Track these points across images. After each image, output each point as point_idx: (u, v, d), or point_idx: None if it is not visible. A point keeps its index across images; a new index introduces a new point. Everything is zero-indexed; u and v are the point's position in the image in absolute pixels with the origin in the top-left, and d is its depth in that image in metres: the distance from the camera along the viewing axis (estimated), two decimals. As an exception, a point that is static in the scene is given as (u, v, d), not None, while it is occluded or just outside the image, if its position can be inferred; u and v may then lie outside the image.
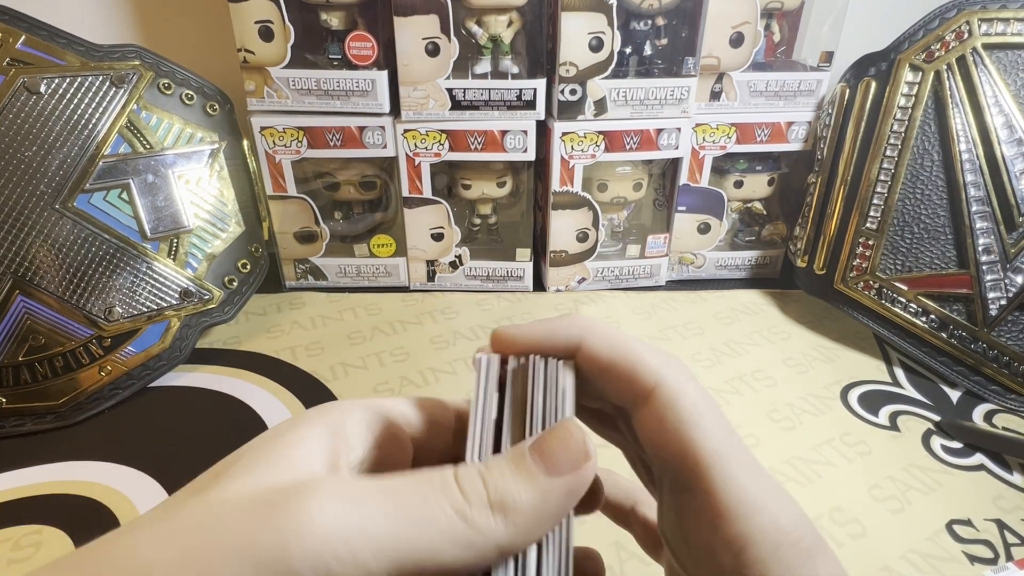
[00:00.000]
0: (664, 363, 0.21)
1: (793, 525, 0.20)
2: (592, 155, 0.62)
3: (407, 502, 0.16)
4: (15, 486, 0.43)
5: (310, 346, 0.59)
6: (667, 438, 0.21)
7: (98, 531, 0.16)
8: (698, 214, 0.69)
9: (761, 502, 0.20)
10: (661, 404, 0.21)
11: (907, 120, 0.56)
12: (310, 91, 0.59)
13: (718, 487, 0.20)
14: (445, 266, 0.68)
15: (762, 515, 0.20)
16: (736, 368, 0.57)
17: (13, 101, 0.48)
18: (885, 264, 0.58)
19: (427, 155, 0.62)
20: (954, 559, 0.40)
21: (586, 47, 0.58)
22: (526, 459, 0.18)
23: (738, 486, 0.20)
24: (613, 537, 0.40)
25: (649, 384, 0.21)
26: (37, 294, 0.49)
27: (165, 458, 0.46)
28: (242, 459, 0.18)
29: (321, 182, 0.66)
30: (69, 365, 0.50)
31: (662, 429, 0.21)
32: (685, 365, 0.22)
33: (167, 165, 0.54)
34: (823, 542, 0.21)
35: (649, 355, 0.21)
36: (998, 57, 0.54)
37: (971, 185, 0.54)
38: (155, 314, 0.53)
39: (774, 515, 0.20)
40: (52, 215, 0.49)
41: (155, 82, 0.54)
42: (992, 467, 0.47)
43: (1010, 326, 0.53)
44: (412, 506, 0.16)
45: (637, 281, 0.70)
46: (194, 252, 0.56)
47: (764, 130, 0.65)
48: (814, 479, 0.45)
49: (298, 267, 0.68)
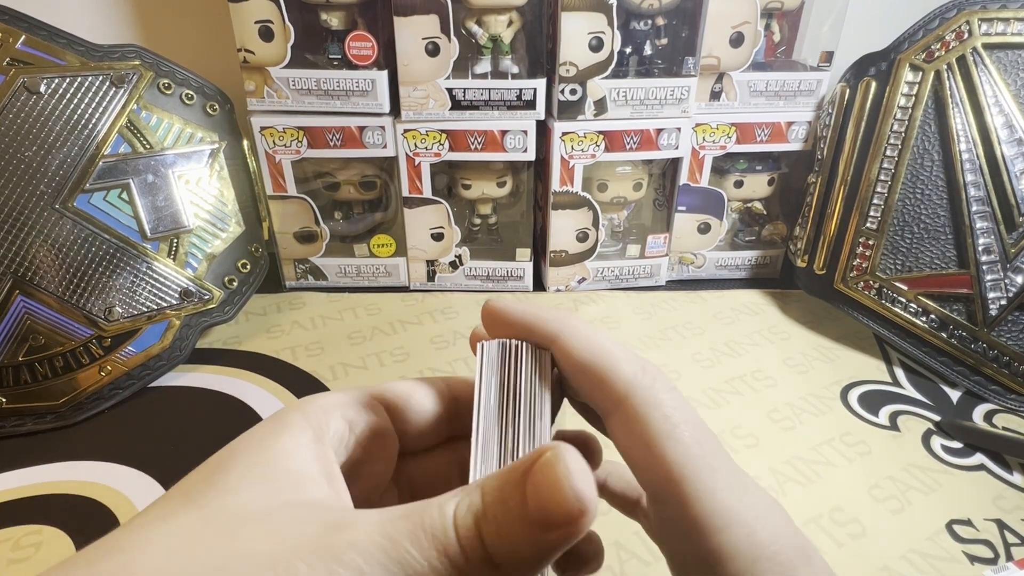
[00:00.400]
0: (638, 371, 0.21)
1: (772, 539, 0.19)
2: (592, 155, 0.62)
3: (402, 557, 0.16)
4: (15, 486, 0.43)
5: (310, 346, 0.59)
6: (638, 450, 0.20)
7: (98, 531, 0.16)
8: (698, 214, 0.69)
9: (736, 515, 0.19)
10: (632, 415, 0.20)
11: (907, 120, 0.56)
12: (310, 91, 0.59)
13: (691, 500, 0.19)
14: (445, 266, 0.68)
15: (737, 528, 0.19)
16: (736, 368, 0.57)
17: (13, 101, 0.48)
18: (885, 264, 0.58)
19: (427, 155, 0.62)
20: (954, 559, 0.40)
21: (586, 47, 0.58)
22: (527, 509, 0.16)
23: (712, 499, 0.19)
24: (613, 537, 0.40)
25: (620, 393, 0.20)
26: (37, 294, 0.49)
27: (165, 458, 0.46)
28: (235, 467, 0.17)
29: (321, 182, 0.66)
30: (69, 365, 0.50)
31: (633, 440, 0.20)
32: (661, 373, 0.21)
33: (167, 165, 0.54)
34: (809, 555, 0.20)
35: (623, 362, 0.21)
36: (998, 57, 0.54)
37: (971, 185, 0.54)
38: (155, 314, 0.53)
39: (751, 528, 0.19)
40: (52, 215, 0.49)
41: (155, 82, 0.54)
42: (992, 467, 0.47)
43: (1010, 326, 0.53)
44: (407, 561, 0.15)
45: (637, 281, 0.70)
46: (194, 252, 0.56)
47: (764, 130, 0.65)
48: (814, 479, 0.45)
49: (298, 267, 0.68)
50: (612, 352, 0.21)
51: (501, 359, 0.22)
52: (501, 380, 0.21)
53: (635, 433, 0.20)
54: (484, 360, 0.21)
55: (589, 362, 0.21)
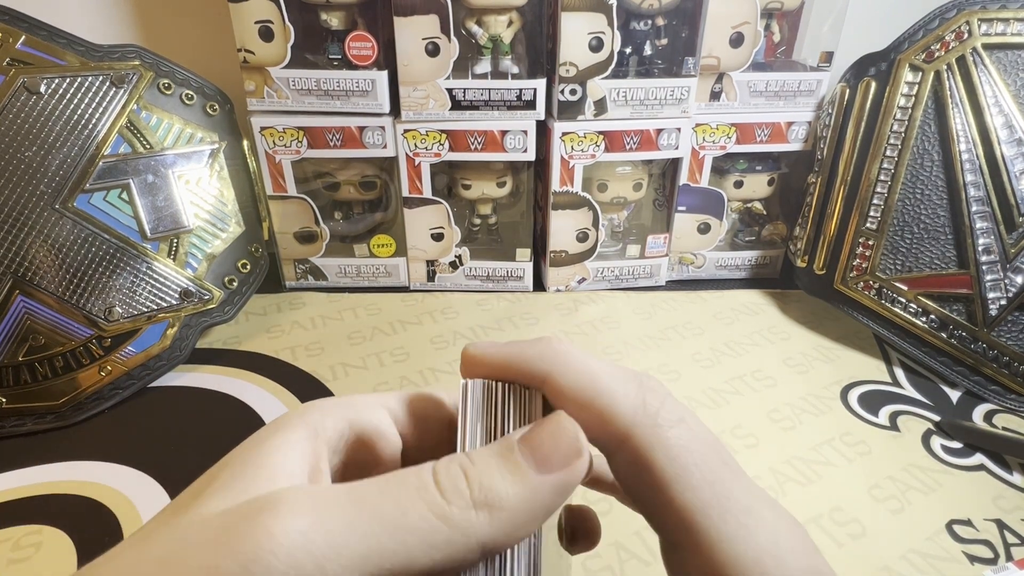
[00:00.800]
0: (638, 408, 0.19)
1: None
2: (592, 155, 0.62)
3: (380, 510, 0.15)
4: (15, 486, 0.43)
5: (310, 346, 0.59)
6: (645, 495, 0.19)
7: (98, 531, 0.16)
8: (698, 214, 0.69)
9: (752, 561, 0.18)
10: (636, 457, 0.19)
11: (907, 120, 0.56)
12: (310, 91, 0.59)
13: (704, 549, 0.18)
14: (445, 266, 0.68)
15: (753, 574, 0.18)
16: (736, 368, 0.57)
17: (13, 101, 0.48)
18: (885, 264, 0.58)
19: (427, 155, 0.62)
20: (954, 559, 0.40)
21: (586, 47, 0.58)
22: (514, 452, 0.17)
23: (728, 547, 0.18)
24: (613, 537, 0.40)
25: (621, 433, 0.19)
26: (37, 294, 0.49)
27: (165, 458, 0.46)
28: (222, 473, 0.17)
29: (321, 182, 0.66)
30: (69, 365, 0.50)
31: (639, 485, 0.19)
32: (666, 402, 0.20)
33: (167, 165, 0.54)
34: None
35: (621, 397, 0.19)
36: (998, 57, 0.54)
37: (971, 185, 0.54)
38: (155, 314, 0.53)
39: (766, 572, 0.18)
40: (52, 215, 0.49)
41: (155, 82, 0.54)
42: (992, 467, 0.47)
43: (1010, 326, 0.53)
44: (386, 514, 0.15)
45: (637, 281, 0.70)
46: (194, 252, 0.56)
47: (764, 130, 0.65)
48: (814, 479, 0.45)
49: (298, 267, 0.68)
50: (609, 387, 0.19)
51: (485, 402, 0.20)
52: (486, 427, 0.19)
53: (640, 478, 0.19)
54: (469, 401, 0.20)
55: (584, 401, 0.19)
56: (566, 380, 0.19)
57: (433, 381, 0.54)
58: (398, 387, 0.54)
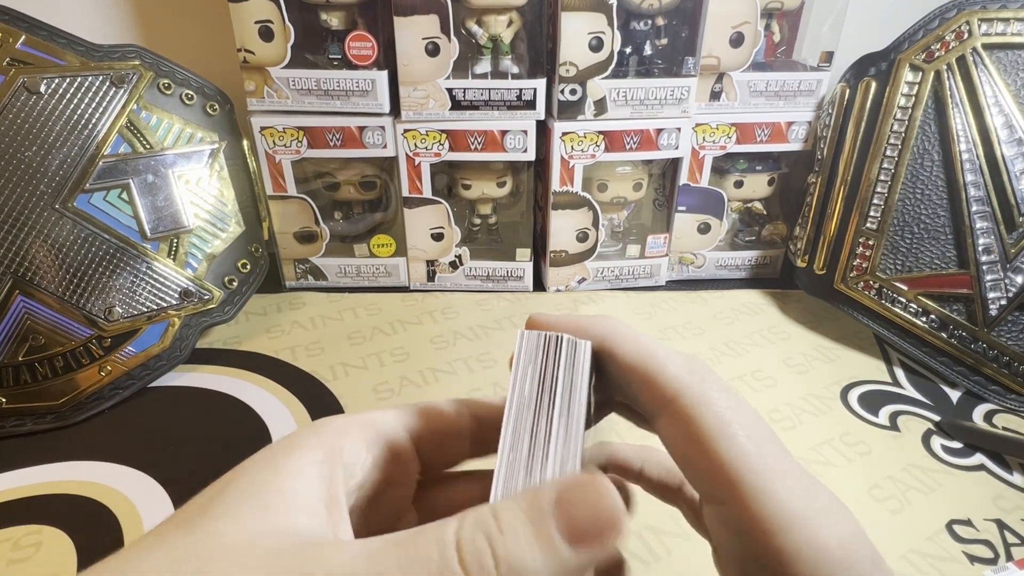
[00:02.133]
0: (685, 371, 0.21)
1: (839, 544, 0.19)
2: (592, 155, 0.62)
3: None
4: (15, 486, 0.43)
5: (310, 346, 0.59)
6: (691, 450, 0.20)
7: (98, 531, 0.16)
8: (698, 214, 0.69)
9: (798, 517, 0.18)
10: (683, 415, 0.20)
11: (907, 120, 0.56)
12: (310, 91, 0.59)
13: (748, 500, 0.19)
14: (445, 266, 0.68)
15: (799, 530, 0.18)
16: (736, 368, 0.57)
17: (13, 101, 0.48)
18: (885, 264, 0.58)
19: (427, 155, 0.62)
20: (954, 559, 0.40)
21: (586, 47, 0.58)
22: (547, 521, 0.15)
23: (772, 499, 0.19)
24: (613, 537, 0.40)
25: (669, 393, 0.20)
26: (37, 294, 0.49)
27: (165, 458, 0.46)
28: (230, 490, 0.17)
29: (321, 182, 0.66)
30: (69, 365, 0.50)
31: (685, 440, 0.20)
32: (711, 371, 0.21)
33: (167, 165, 0.54)
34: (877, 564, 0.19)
35: (670, 362, 0.21)
36: (998, 57, 0.54)
37: (971, 185, 0.54)
38: (155, 314, 0.53)
39: (814, 531, 0.18)
40: (52, 215, 0.49)
41: (155, 82, 0.54)
42: (992, 467, 0.47)
43: (1010, 326, 0.53)
44: None
45: (637, 281, 0.70)
46: (194, 252, 0.56)
47: (764, 130, 0.65)
48: (814, 479, 0.45)
49: (298, 267, 0.68)
50: (658, 353, 0.21)
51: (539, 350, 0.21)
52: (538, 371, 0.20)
53: (687, 433, 0.20)
54: (522, 350, 0.21)
55: (636, 362, 0.21)
56: (620, 343, 0.21)
57: (433, 381, 0.54)
58: (398, 387, 0.54)
